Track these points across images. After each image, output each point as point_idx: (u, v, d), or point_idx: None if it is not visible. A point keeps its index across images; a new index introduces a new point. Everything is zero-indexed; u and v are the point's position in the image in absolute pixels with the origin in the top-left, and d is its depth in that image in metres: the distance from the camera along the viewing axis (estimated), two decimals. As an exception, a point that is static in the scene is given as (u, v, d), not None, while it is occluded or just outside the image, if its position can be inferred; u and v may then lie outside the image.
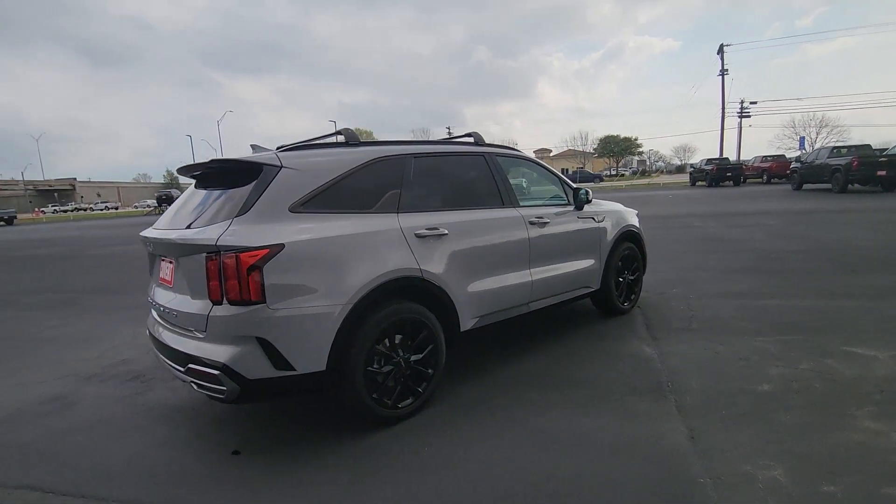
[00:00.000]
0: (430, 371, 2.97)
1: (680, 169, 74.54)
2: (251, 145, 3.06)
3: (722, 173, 29.09)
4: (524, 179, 4.63)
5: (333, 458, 2.53)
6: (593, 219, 4.30)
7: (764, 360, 3.46)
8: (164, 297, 2.78)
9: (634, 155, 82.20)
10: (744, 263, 6.76)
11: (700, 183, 31.62)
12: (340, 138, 3.10)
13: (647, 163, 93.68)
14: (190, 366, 2.46)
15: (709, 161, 31.31)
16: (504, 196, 3.60)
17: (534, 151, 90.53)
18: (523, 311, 3.64)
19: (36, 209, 56.29)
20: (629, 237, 4.75)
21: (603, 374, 3.40)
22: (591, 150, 78.58)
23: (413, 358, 2.89)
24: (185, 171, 2.88)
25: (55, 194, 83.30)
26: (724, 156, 36.94)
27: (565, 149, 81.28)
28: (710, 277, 6.07)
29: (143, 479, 2.44)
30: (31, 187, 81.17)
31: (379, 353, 2.72)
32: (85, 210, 61.44)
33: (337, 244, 2.59)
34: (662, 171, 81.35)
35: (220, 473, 2.48)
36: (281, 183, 2.56)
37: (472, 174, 3.52)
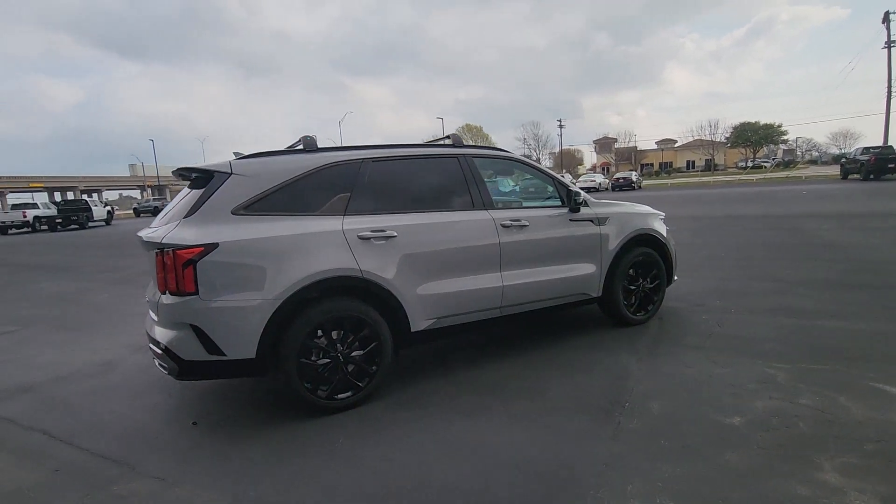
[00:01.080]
0: (373, 367, 3.09)
1: (837, 159, 63.90)
2: (234, 153, 3.42)
3: (882, 164, 24.42)
4: (519, 181, 4.49)
5: (265, 438, 2.79)
6: (591, 222, 4.03)
7: (761, 389, 3.00)
8: (149, 287, 3.27)
9: (777, 144, 71.99)
10: (831, 275, 5.76)
11: (854, 176, 26.91)
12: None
13: (798, 153, 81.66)
14: (150, 345, 2.88)
15: (865, 150, 26.46)
16: (475, 198, 3.55)
17: (656, 143, 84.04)
18: (494, 314, 3.58)
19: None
20: (646, 242, 4.36)
21: (564, 386, 3.23)
22: (724, 140, 70.54)
23: (354, 353, 3.04)
24: (175, 174, 3.32)
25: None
26: (888, 144, 30.84)
27: (692, 138, 74.02)
28: (776, 289, 5.28)
29: (117, 436, 2.93)
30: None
31: (315, 347, 2.92)
32: None
33: (272, 244, 2.82)
34: (817, 162, 70.29)
35: (174, 438, 2.88)
36: (228, 188, 2.86)
37: (439, 177, 3.53)
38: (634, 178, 37.06)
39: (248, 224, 2.83)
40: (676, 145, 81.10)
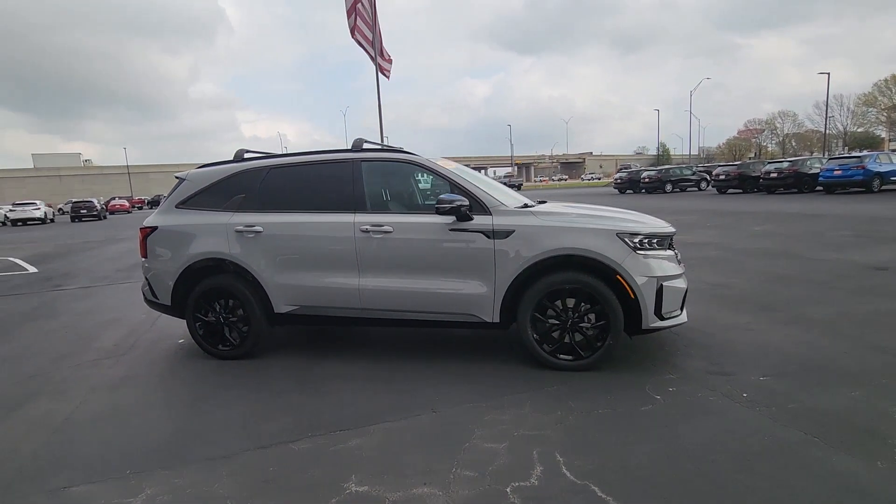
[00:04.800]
0: (245, 330, 3.92)
1: None
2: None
3: None
4: (420, 184, 4.01)
5: (181, 363, 4.11)
6: (483, 234, 3.39)
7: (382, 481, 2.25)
8: None
9: None
10: None
11: None
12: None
13: None
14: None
15: None
16: (347, 201, 3.69)
17: None
18: (356, 314, 3.71)
19: (544, 178, 73.77)
20: (584, 266, 3.29)
21: (331, 393, 3.20)
22: None
23: (232, 318, 3.94)
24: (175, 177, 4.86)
25: (567, 167, 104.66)
26: None
27: None
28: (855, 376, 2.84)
29: (152, 336, 4.81)
30: (555, 161, 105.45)
31: (204, 306, 3.98)
32: (564, 180, 75.31)
33: (183, 230, 4.00)
34: None
35: (163, 345, 4.54)
36: (179, 189, 4.19)
37: (322, 181, 3.82)
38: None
39: (179, 215, 4.10)
40: None
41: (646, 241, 3.33)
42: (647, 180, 29.30)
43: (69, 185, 74.41)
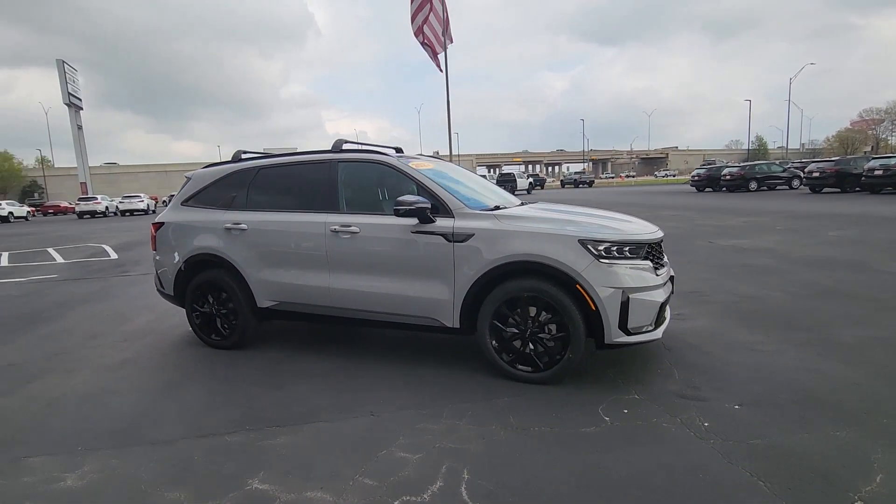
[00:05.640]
0: (233, 322, 4.14)
1: None
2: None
3: None
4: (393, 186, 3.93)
5: (184, 347, 4.43)
6: (444, 237, 3.30)
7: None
8: None
9: None
10: None
11: None
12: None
13: None
14: None
15: None
16: (323, 201, 3.76)
17: None
18: (329, 312, 3.78)
19: (621, 175, 70.32)
20: (540, 274, 3.11)
21: (292, 390, 3.28)
22: None
23: (223, 311, 4.17)
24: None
25: (648, 163, 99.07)
26: None
27: None
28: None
29: (172, 322, 5.23)
30: (634, 156, 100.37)
31: (200, 298, 4.25)
32: (632, 177, 70.70)
33: (185, 226, 4.28)
34: None
35: (175, 332, 4.91)
36: (185, 187, 4.49)
37: (304, 181, 3.91)
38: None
39: (182, 212, 4.40)
40: None
41: (614, 248, 3.07)
42: (728, 178, 26.98)
43: (173, 180, 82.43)
